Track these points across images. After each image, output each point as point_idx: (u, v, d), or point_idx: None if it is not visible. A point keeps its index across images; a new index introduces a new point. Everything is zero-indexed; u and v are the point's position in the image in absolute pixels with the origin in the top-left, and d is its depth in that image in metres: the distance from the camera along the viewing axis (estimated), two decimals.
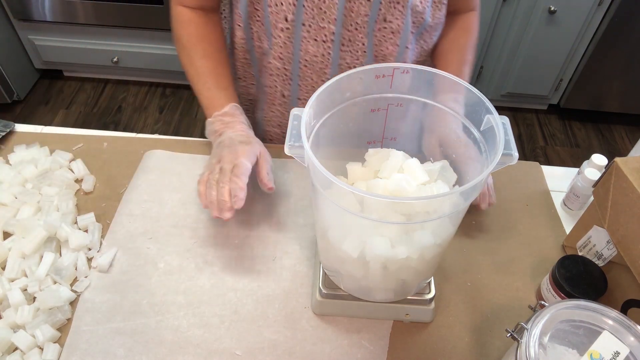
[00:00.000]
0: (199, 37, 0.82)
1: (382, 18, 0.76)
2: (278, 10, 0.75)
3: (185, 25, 0.82)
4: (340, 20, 0.75)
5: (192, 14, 0.82)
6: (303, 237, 0.76)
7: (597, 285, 0.64)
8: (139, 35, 2.19)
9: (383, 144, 0.67)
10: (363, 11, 0.74)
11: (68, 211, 0.76)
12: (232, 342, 0.65)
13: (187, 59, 0.82)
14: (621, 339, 0.50)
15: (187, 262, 0.73)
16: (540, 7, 1.90)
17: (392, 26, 0.77)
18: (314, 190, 0.55)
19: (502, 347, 0.66)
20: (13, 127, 0.91)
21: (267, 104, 0.92)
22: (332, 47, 0.78)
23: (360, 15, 0.75)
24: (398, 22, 0.76)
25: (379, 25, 0.77)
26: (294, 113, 0.54)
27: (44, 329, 0.62)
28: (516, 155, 0.51)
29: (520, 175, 0.88)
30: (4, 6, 2.10)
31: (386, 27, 0.77)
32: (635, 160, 0.62)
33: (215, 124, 0.78)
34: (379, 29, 0.77)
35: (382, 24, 0.77)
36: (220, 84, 0.81)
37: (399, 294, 0.64)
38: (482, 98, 0.55)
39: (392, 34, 0.78)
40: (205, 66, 0.81)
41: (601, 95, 2.20)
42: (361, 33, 0.77)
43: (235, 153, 0.71)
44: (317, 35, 0.78)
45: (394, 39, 0.79)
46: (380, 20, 0.76)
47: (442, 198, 0.53)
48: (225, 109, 0.79)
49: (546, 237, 0.79)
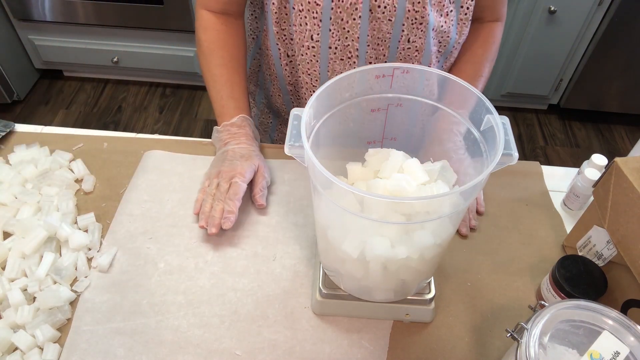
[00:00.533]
0: (218, 43, 0.84)
1: (406, 39, 0.77)
2: (302, 29, 0.77)
3: (207, 31, 0.84)
4: (364, 39, 0.76)
5: (214, 20, 0.84)
6: (303, 237, 0.76)
7: (597, 285, 0.64)
8: (139, 35, 2.19)
9: (383, 144, 0.67)
10: (385, 29, 0.75)
11: (68, 211, 0.76)
12: (232, 342, 0.65)
13: (205, 64, 0.85)
14: (621, 339, 0.50)
15: (187, 262, 0.73)
16: (540, 7, 1.90)
17: (415, 45, 0.78)
18: (314, 190, 0.55)
19: (502, 347, 0.66)
20: (13, 127, 0.91)
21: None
22: (357, 62, 0.79)
23: (382, 32, 0.76)
24: (421, 41, 0.77)
25: (402, 45, 0.78)
26: (294, 113, 0.54)
27: (44, 329, 0.62)
28: (516, 155, 0.51)
29: (520, 175, 0.88)
30: (4, 6, 2.10)
31: (410, 47, 0.78)
32: (635, 160, 0.62)
33: (222, 132, 0.83)
34: (403, 49, 0.78)
35: (405, 44, 0.77)
36: (233, 93, 0.84)
37: (399, 294, 0.64)
38: (482, 98, 0.55)
39: (416, 51, 0.79)
40: (221, 74, 0.84)
41: (601, 95, 2.20)
42: (385, 49, 0.78)
43: (234, 169, 0.76)
44: (342, 55, 0.79)
45: (418, 57, 0.79)
46: (403, 40, 0.77)
47: (442, 198, 0.53)
48: (233, 120, 0.83)
49: (546, 237, 0.79)
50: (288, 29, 0.79)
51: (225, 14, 0.84)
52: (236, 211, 0.74)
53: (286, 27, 0.79)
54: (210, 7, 0.83)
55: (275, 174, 0.85)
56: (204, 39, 0.84)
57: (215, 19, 0.84)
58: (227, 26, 0.85)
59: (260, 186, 0.79)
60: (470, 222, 0.79)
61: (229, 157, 0.79)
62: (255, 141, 0.84)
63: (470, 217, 0.79)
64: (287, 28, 0.79)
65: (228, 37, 0.85)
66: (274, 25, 0.79)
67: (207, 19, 0.84)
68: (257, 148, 0.83)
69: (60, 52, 2.26)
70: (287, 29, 0.79)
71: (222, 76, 0.84)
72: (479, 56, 0.85)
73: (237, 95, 0.84)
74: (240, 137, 0.82)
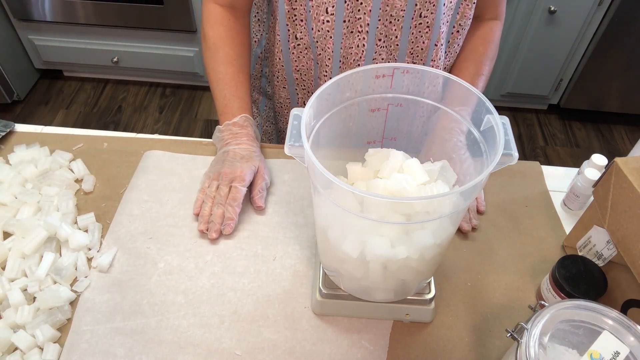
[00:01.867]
0: (224, 40, 0.84)
1: (418, 14, 0.76)
2: (320, 3, 0.76)
3: (214, 26, 0.84)
4: (376, 13, 0.76)
5: (222, 14, 0.84)
6: (303, 237, 0.76)
7: (597, 285, 0.64)
8: (139, 35, 2.19)
9: (383, 144, 0.67)
10: (399, 5, 0.75)
11: (68, 211, 0.76)
12: (232, 342, 0.65)
13: (210, 60, 0.85)
14: (621, 339, 0.50)
15: (187, 262, 0.73)
16: (540, 7, 1.90)
17: (427, 21, 0.77)
18: (314, 190, 0.55)
19: (502, 347, 0.66)
20: (13, 127, 0.91)
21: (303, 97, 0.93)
22: (366, 38, 0.79)
23: (396, 9, 0.75)
24: (432, 16, 0.77)
25: (415, 21, 0.77)
26: (294, 113, 0.54)
27: (44, 329, 0.62)
28: (516, 155, 0.51)
29: (520, 175, 0.88)
30: (4, 6, 2.10)
31: (421, 23, 0.78)
32: (635, 160, 0.62)
33: (224, 132, 0.83)
34: (414, 25, 0.78)
35: (417, 20, 0.77)
36: (237, 92, 0.84)
37: (399, 294, 0.64)
38: (482, 98, 0.55)
39: (427, 28, 0.78)
40: (226, 72, 0.84)
41: (601, 95, 2.20)
42: (395, 27, 0.78)
43: (234, 172, 0.77)
44: (353, 27, 0.78)
45: (429, 33, 0.79)
46: (416, 16, 0.76)
47: (442, 198, 0.53)
48: (235, 119, 0.83)
49: (546, 237, 0.79)
50: (299, 8, 0.79)
51: (233, 7, 0.84)
52: (236, 218, 0.76)
53: (297, 5, 0.79)
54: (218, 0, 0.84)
55: (275, 174, 0.85)
56: (211, 34, 0.84)
57: (223, 14, 0.84)
58: (234, 22, 0.85)
59: (260, 188, 0.79)
60: (471, 222, 0.79)
61: (229, 157, 0.79)
62: (257, 141, 0.84)
63: (470, 216, 0.79)
64: (299, 8, 0.79)
65: (235, 34, 0.85)
66: (285, 4, 0.79)
67: (215, 13, 0.84)
68: (258, 149, 0.83)
69: (60, 52, 2.26)
70: (299, 8, 0.79)
71: (227, 74, 0.84)
72: (479, 54, 0.85)
73: (240, 94, 0.84)
74: (242, 137, 0.82)
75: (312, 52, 0.84)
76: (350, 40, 0.80)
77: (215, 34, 0.84)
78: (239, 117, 0.83)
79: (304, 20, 0.80)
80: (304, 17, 0.79)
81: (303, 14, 0.79)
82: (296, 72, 0.89)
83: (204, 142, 0.90)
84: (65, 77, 2.45)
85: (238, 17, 0.85)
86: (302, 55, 0.85)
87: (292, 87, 0.92)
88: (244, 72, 0.86)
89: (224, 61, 0.84)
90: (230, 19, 0.84)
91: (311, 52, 0.84)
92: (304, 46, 0.83)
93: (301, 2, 0.78)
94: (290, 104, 0.96)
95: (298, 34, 0.82)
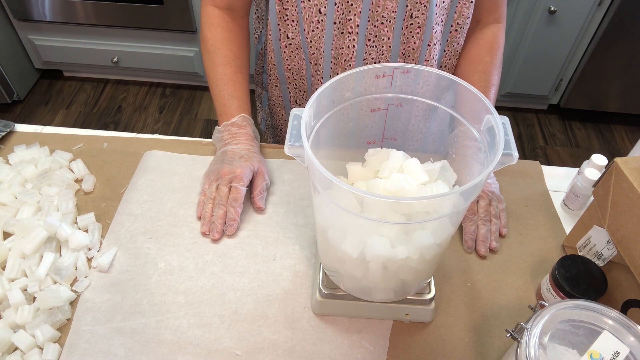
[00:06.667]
0: (222, 41, 0.84)
1: (409, 15, 0.76)
2: (311, 4, 0.76)
3: (213, 28, 0.84)
4: (365, 14, 0.76)
5: (220, 17, 0.84)
6: (303, 237, 0.76)
7: (597, 285, 0.64)
8: (139, 35, 2.19)
9: (383, 144, 0.67)
10: (390, 7, 0.75)
11: (68, 211, 0.76)
12: (232, 342, 0.65)
13: (209, 62, 0.85)
14: (621, 339, 0.50)
15: (187, 262, 0.73)
16: (540, 7, 1.90)
17: (418, 21, 0.77)
18: (314, 190, 0.55)
19: (502, 347, 0.66)
20: (13, 127, 0.91)
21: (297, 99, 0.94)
22: (357, 39, 0.79)
23: (387, 10, 0.75)
24: (424, 17, 0.77)
25: (406, 22, 0.77)
26: (294, 113, 0.54)
27: (44, 329, 0.62)
28: (516, 155, 0.51)
29: (520, 175, 0.88)
30: (4, 6, 2.10)
31: (412, 24, 0.78)
32: (635, 160, 0.62)
33: (223, 132, 0.83)
34: (406, 26, 0.78)
35: (409, 21, 0.77)
36: (235, 92, 0.84)
37: (399, 294, 0.64)
38: (482, 98, 0.55)
39: (418, 28, 0.78)
40: (225, 73, 0.84)
41: (601, 95, 2.20)
42: (387, 28, 0.78)
43: (233, 172, 0.77)
44: (343, 29, 0.78)
45: (420, 34, 0.79)
46: (407, 17, 0.77)
47: (442, 198, 0.53)
48: (234, 119, 0.83)
49: (546, 237, 0.79)
50: (291, 8, 0.79)
51: (232, 9, 0.85)
52: (239, 218, 0.76)
53: (289, 6, 0.79)
54: (216, 2, 0.84)
55: (275, 174, 0.85)
56: (209, 36, 0.84)
57: (222, 16, 0.84)
58: (232, 24, 0.85)
59: (260, 189, 0.79)
60: (490, 244, 0.76)
61: (228, 157, 0.79)
62: (255, 141, 0.84)
63: (491, 238, 0.76)
64: (290, 8, 0.79)
65: (233, 36, 0.85)
66: (276, 3, 0.79)
67: (214, 15, 0.84)
68: (256, 148, 0.83)
69: (60, 52, 2.26)
70: (290, 8, 0.79)
71: (225, 75, 0.84)
72: (487, 64, 0.83)
73: (239, 94, 0.84)
74: (240, 137, 0.82)
75: (304, 52, 0.84)
76: (341, 41, 0.80)
77: (213, 35, 0.84)
78: (238, 117, 0.83)
79: (296, 20, 0.80)
80: (295, 18, 0.80)
81: (294, 14, 0.79)
82: (288, 71, 0.89)
83: (204, 142, 0.90)
84: (65, 77, 2.45)
85: (236, 18, 0.86)
86: (294, 55, 0.86)
87: (284, 85, 0.93)
88: (243, 73, 0.86)
89: (222, 62, 0.84)
90: (229, 20, 0.85)
91: (303, 52, 0.85)
92: (295, 46, 0.84)
93: (292, 3, 0.78)
94: (282, 102, 0.96)
95: (289, 34, 0.83)
